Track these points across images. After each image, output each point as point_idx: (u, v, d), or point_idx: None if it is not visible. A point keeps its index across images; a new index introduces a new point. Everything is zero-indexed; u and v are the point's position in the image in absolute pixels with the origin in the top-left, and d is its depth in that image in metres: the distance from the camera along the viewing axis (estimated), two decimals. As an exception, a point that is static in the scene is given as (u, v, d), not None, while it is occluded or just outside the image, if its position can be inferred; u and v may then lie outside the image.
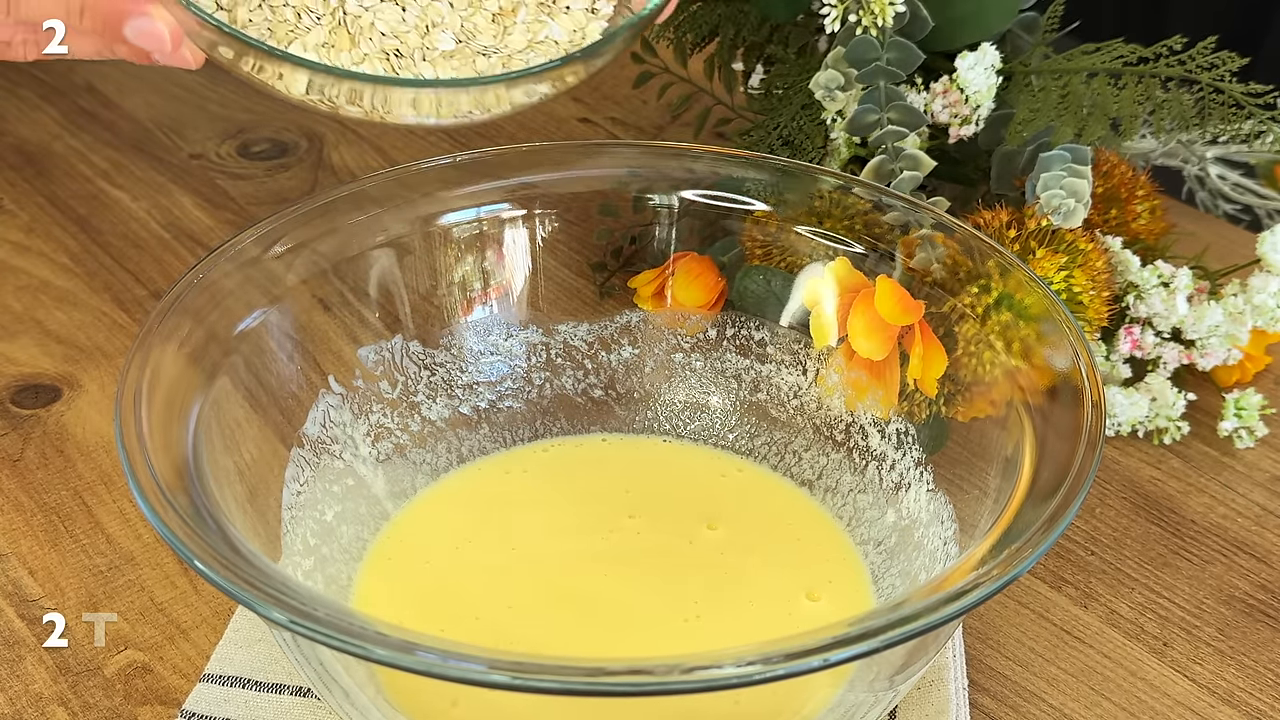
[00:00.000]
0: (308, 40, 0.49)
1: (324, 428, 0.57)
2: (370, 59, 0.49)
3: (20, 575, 0.60)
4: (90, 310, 0.76)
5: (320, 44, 0.49)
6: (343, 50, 0.49)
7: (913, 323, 0.57)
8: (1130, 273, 0.66)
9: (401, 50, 0.50)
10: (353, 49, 0.49)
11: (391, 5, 0.50)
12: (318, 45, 0.49)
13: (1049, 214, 0.63)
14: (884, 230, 0.58)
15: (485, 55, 0.50)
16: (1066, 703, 0.55)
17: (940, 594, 0.41)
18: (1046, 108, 0.70)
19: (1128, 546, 0.62)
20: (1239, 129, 0.73)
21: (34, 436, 0.67)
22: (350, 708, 0.48)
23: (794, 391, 0.62)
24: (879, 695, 0.48)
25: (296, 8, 0.49)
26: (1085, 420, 0.48)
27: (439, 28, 0.50)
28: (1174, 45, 0.71)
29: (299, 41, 0.49)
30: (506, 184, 0.62)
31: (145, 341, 0.50)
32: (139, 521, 0.62)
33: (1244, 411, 0.67)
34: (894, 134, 0.65)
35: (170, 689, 0.55)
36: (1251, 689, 0.56)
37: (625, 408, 0.64)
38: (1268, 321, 0.66)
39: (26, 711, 0.54)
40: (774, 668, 0.39)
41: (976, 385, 0.55)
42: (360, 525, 0.57)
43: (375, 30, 0.50)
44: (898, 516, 0.57)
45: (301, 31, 0.49)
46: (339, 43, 0.49)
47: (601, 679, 0.39)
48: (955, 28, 0.70)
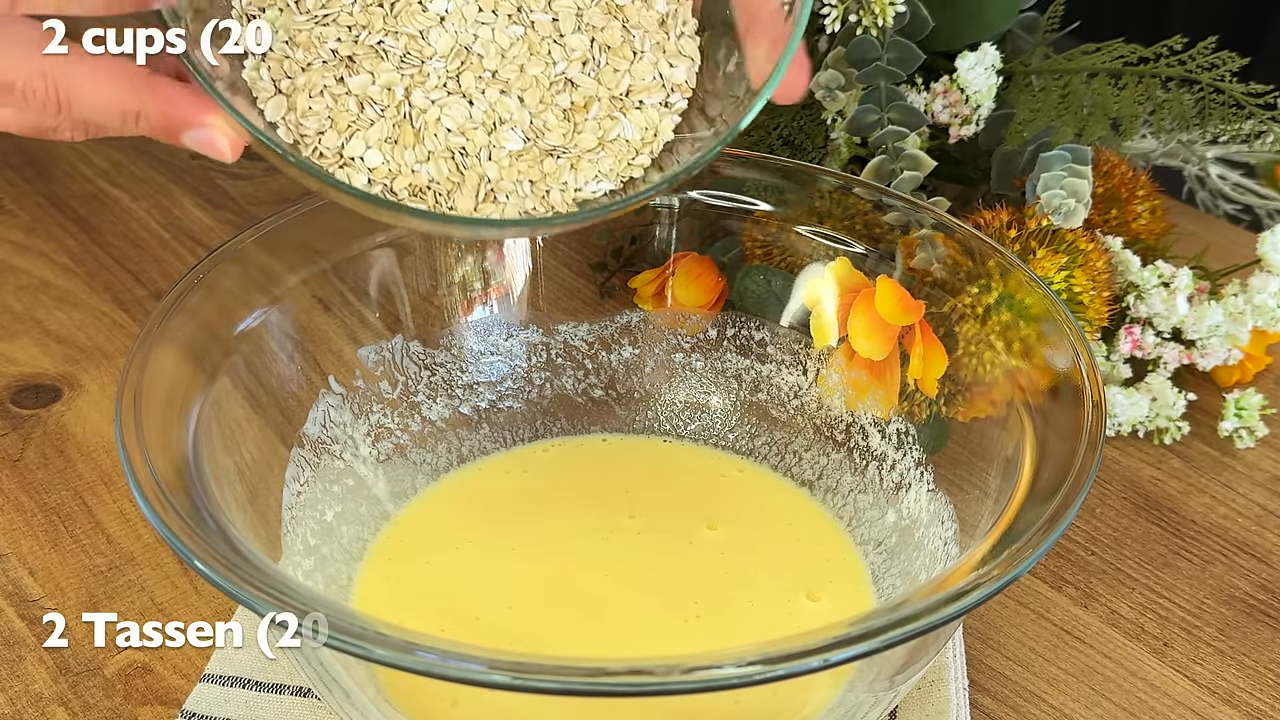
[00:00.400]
0: (369, 135, 0.47)
1: (324, 428, 0.57)
2: (435, 159, 0.47)
3: (20, 575, 0.60)
4: (90, 310, 0.76)
5: (383, 139, 0.47)
6: (407, 147, 0.47)
7: (913, 323, 0.57)
8: (1131, 273, 0.66)
9: (467, 148, 0.47)
10: (416, 145, 0.47)
11: (459, 99, 0.48)
12: (380, 140, 0.47)
13: (1049, 214, 0.63)
14: (884, 230, 0.58)
15: (554, 155, 0.48)
16: (1067, 703, 0.55)
17: (940, 594, 0.41)
18: (1047, 108, 0.70)
19: (1128, 547, 0.62)
20: (1239, 129, 0.73)
21: (34, 436, 0.67)
22: (350, 708, 0.48)
23: (794, 391, 0.62)
24: (879, 695, 0.48)
25: (360, 98, 0.47)
26: (1086, 420, 0.48)
27: (507, 124, 0.48)
28: (1174, 45, 0.71)
29: (360, 135, 0.47)
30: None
31: (145, 341, 0.50)
32: (139, 521, 0.62)
33: (1244, 411, 0.67)
34: (894, 134, 0.65)
35: (170, 689, 0.55)
36: (1252, 689, 0.56)
37: (625, 408, 0.64)
38: (1268, 321, 0.66)
39: (26, 711, 0.54)
40: (774, 668, 0.39)
41: (977, 385, 0.55)
42: (360, 525, 0.57)
43: (441, 126, 0.47)
44: (898, 517, 0.57)
45: (364, 124, 0.47)
46: (403, 138, 0.47)
47: (601, 679, 0.39)
48: (955, 28, 0.70)
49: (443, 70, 0.47)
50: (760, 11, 0.47)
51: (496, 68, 0.48)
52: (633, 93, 0.49)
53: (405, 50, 0.47)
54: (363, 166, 0.47)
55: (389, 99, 0.47)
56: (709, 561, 0.57)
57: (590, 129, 0.49)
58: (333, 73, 0.47)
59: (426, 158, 0.47)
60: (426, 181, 0.47)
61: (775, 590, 0.55)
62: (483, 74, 0.48)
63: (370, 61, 0.47)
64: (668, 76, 0.50)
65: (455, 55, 0.47)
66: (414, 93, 0.47)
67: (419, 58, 0.47)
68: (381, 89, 0.47)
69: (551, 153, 0.48)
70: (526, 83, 0.48)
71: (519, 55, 0.48)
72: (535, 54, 0.48)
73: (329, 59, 0.47)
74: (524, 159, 0.48)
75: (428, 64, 0.47)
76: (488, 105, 0.48)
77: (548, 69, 0.48)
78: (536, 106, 0.48)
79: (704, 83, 0.50)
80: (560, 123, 0.48)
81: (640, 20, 0.49)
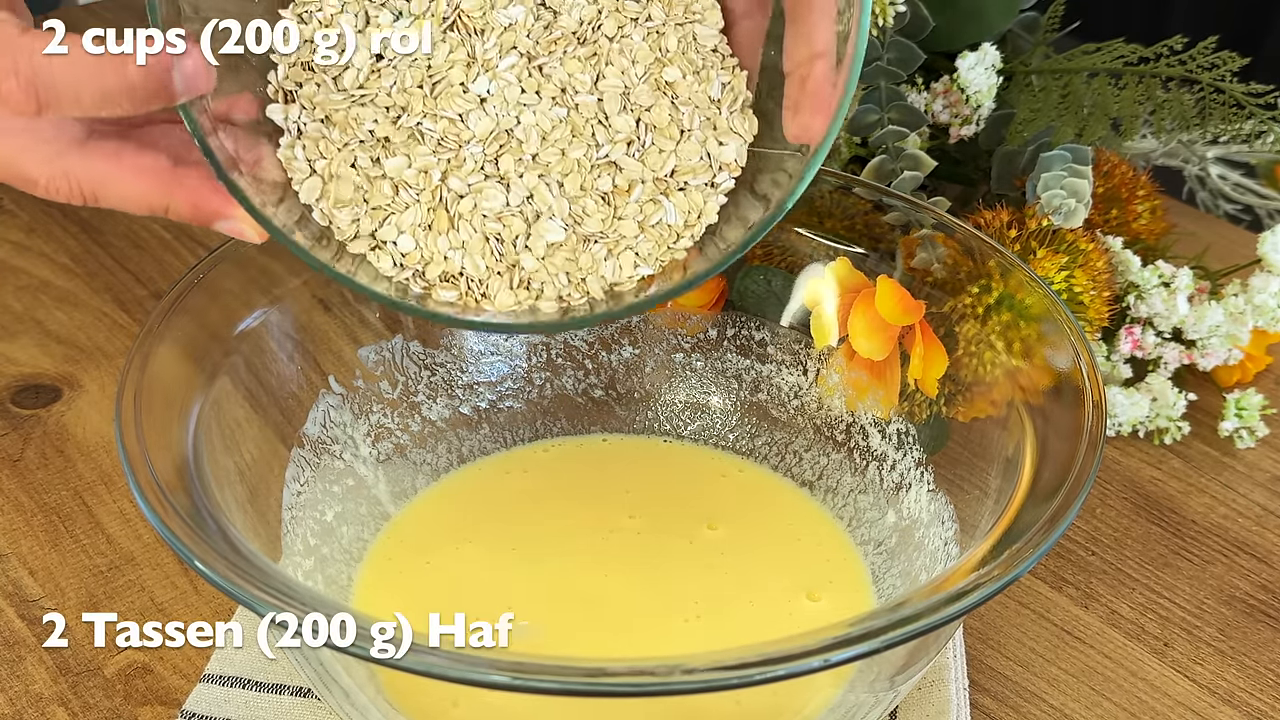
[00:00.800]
0: (403, 220, 0.46)
1: (324, 428, 0.57)
2: (470, 250, 0.46)
3: (20, 575, 0.60)
4: (90, 310, 0.76)
5: (417, 224, 0.46)
6: (441, 234, 0.46)
7: (913, 323, 0.57)
8: (1131, 273, 0.66)
9: (503, 234, 0.46)
10: (451, 232, 0.46)
11: (497, 186, 0.46)
12: (414, 226, 0.46)
13: (1050, 214, 0.63)
14: (885, 230, 0.58)
15: (592, 241, 0.47)
16: (1067, 703, 0.55)
17: (941, 594, 0.41)
18: (1047, 108, 0.70)
19: (1128, 547, 0.62)
20: (1239, 129, 0.73)
21: (34, 436, 0.67)
22: (350, 708, 0.48)
23: (794, 392, 0.62)
24: (880, 696, 0.48)
25: (394, 180, 0.46)
26: (1086, 420, 0.48)
27: (545, 215, 0.46)
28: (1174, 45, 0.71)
29: (394, 220, 0.46)
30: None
31: (145, 341, 0.50)
32: (139, 521, 0.62)
33: (1245, 411, 0.67)
34: (894, 134, 0.65)
35: (170, 689, 0.55)
36: (1252, 689, 0.56)
37: (625, 408, 0.64)
38: (1268, 321, 0.66)
39: (26, 712, 0.54)
40: (774, 668, 0.39)
41: (977, 385, 0.55)
42: (360, 525, 0.57)
43: (478, 213, 0.46)
44: (898, 517, 0.57)
45: (398, 207, 0.46)
46: (438, 224, 0.46)
47: (602, 679, 0.39)
48: (956, 27, 0.70)
49: (480, 155, 0.46)
50: (810, 76, 0.45)
51: (537, 151, 0.46)
52: (678, 173, 0.47)
53: (443, 133, 0.46)
54: (395, 251, 0.46)
55: (425, 182, 0.46)
56: (709, 561, 0.57)
57: (631, 213, 0.47)
58: (368, 153, 0.46)
59: (461, 246, 0.46)
60: (459, 269, 0.46)
61: (775, 590, 0.55)
62: (522, 157, 0.46)
63: (407, 144, 0.46)
64: (716, 155, 0.48)
65: (494, 139, 0.46)
66: (450, 177, 0.46)
67: (457, 141, 0.46)
68: (417, 173, 0.46)
69: (589, 239, 0.47)
70: (567, 167, 0.46)
71: (561, 139, 0.46)
72: (578, 136, 0.47)
73: (366, 139, 0.46)
74: (562, 249, 0.47)
75: (465, 148, 0.46)
76: (526, 192, 0.46)
77: (590, 151, 0.47)
78: (576, 192, 0.47)
79: (752, 158, 0.49)
80: (600, 208, 0.47)
81: (691, 96, 0.48)
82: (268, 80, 0.46)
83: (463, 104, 0.46)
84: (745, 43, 0.49)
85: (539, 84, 0.46)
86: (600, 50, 0.47)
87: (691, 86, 0.48)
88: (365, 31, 0.46)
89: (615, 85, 0.47)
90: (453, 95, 0.46)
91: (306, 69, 0.46)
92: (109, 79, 0.40)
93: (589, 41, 0.47)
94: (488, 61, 0.46)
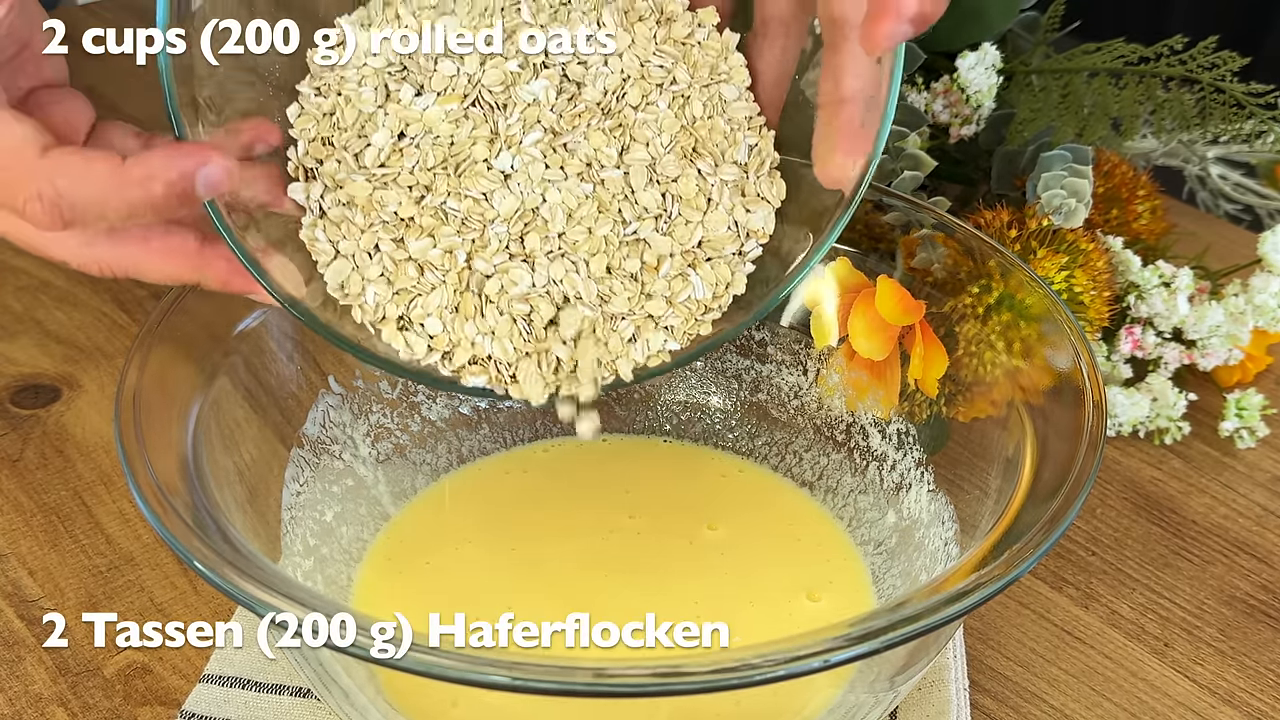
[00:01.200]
0: (429, 302, 0.45)
1: (324, 428, 0.57)
2: (498, 334, 0.45)
3: (20, 575, 0.60)
4: (90, 310, 0.76)
5: (443, 306, 0.45)
6: (468, 318, 0.45)
7: (913, 323, 0.57)
8: (1131, 273, 0.66)
9: (533, 319, 0.46)
10: (478, 318, 0.45)
11: (523, 266, 0.45)
12: (440, 308, 0.45)
13: (1050, 214, 0.63)
14: (885, 230, 0.58)
15: (620, 319, 0.46)
16: (1067, 703, 0.55)
17: (941, 595, 0.41)
18: (1047, 107, 0.70)
19: (1129, 547, 0.62)
20: (1240, 129, 0.73)
21: (34, 436, 0.67)
22: (350, 708, 0.48)
23: (794, 392, 0.62)
24: (880, 696, 0.48)
25: (419, 262, 0.45)
26: (1086, 420, 0.47)
27: (573, 298, 0.46)
28: (1175, 45, 0.71)
29: (420, 303, 0.45)
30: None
31: (145, 341, 0.50)
32: (139, 521, 0.62)
33: (1245, 412, 0.67)
34: (894, 134, 0.65)
35: (170, 689, 0.55)
36: (1252, 689, 0.56)
37: (625, 408, 0.64)
38: (1269, 321, 0.66)
39: (26, 712, 0.54)
40: (774, 668, 0.39)
41: (977, 385, 0.55)
42: (360, 526, 0.57)
43: (505, 295, 0.45)
44: (898, 517, 0.57)
45: (424, 289, 0.45)
46: (464, 308, 0.45)
47: (602, 679, 0.39)
48: (956, 27, 0.70)
49: (505, 234, 0.45)
50: (840, 117, 0.44)
51: (563, 229, 0.46)
52: (705, 245, 0.47)
53: (467, 213, 0.45)
54: (422, 332, 0.46)
55: (450, 263, 0.45)
56: (709, 561, 0.57)
57: (659, 290, 0.47)
58: (392, 234, 0.45)
59: (490, 332, 0.46)
60: (487, 354, 0.46)
61: (775, 590, 0.55)
62: (548, 235, 0.46)
63: (431, 223, 0.45)
64: (744, 223, 0.47)
65: (519, 218, 0.45)
66: (475, 258, 0.45)
67: (481, 221, 0.45)
68: (443, 254, 0.45)
69: (619, 314, 0.46)
70: (594, 246, 0.46)
71: (587, 216, 0.46)
72: (604, 212, 0.46)
73: (390, 219, 0.46)
74: (591, 335, 0.46)
75: (490, 228, 0.45)
76: (551, 275, 0.45)
77: (617, 228, 0.46)
78: (603, 273, 0.46)
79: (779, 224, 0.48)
80: (627, 286, 0.46)
81: (717, 163, 0.47)
82: (288, 157, 0.46)
83: (487, 183, 0.45)
84: (771, 73, 0.48)
85: (563, 159, 0.46)
86: (625, 121, 0.46)
87: (719, 151, 0.47)
88: (385, 106, 0.46)
89: (641, 158, 0.46)
90: (477, 174, 0.45)
91: (326, 144, 0.46)
92: (133, 196, 0.41)
93: (613, 112, 0.46)
94: (511, 138, 0.45)
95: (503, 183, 0.45)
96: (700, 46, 0.48)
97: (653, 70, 0.47)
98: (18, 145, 0.41)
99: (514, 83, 0.46)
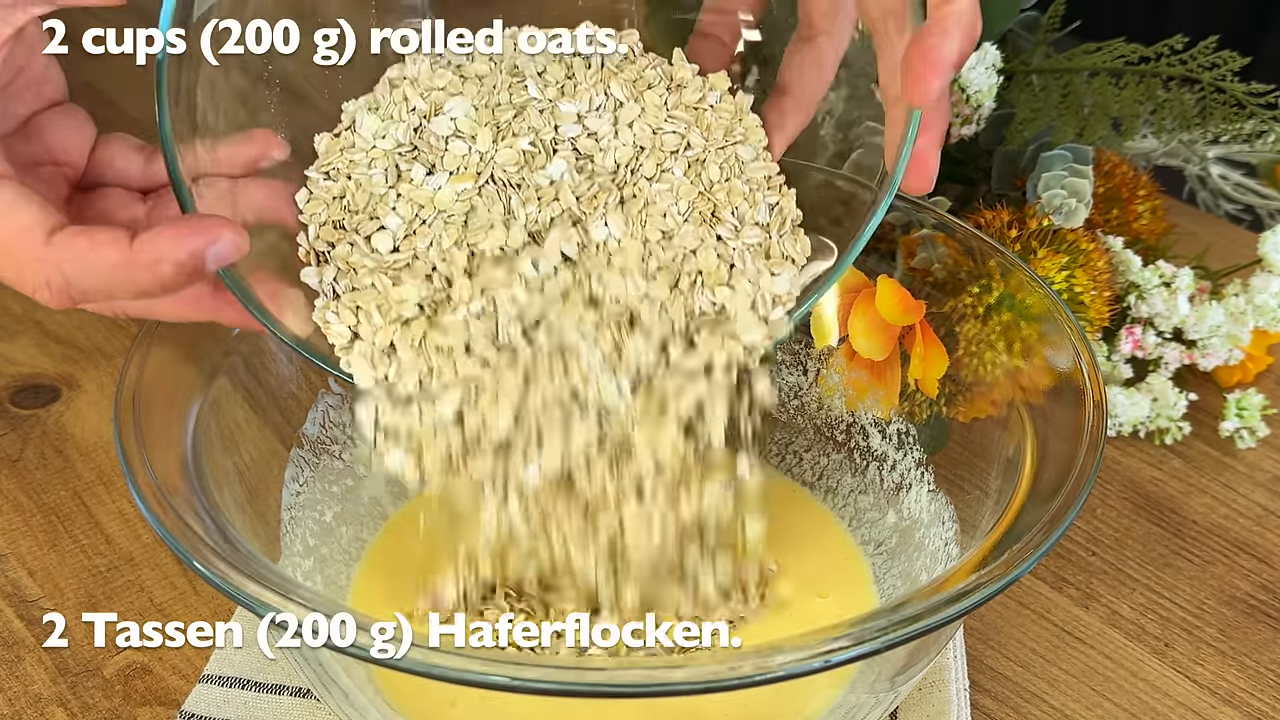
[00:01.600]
0: (449, 394, 0.45)
1: (324, 428, 0.57)
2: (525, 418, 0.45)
3: (20, 575, 0.60)
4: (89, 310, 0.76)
5: (460, 398, 0.45)
6: (492, 407, 0.45)
7: (914, 323, 0.57)
8: (1131, 273, 0.66)
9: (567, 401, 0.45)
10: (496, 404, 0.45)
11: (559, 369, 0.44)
12: (456, 398, 0.45)
13: (1050, 214, 0.63)
14: (885, 230, 0.58)
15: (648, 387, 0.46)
16: (1067, 703, 0.55)
17: (941, 595, 0.41)
18: (1048, 107, 0.70)
19: (1129, 547, 0.62)
20: (1240, 128, 0.73)
21: (33, 436, 0.67)
22: (349, 708, 0.48)
23: (794, 391, 0.61)
24: (880, 696, 0.48)
25: (441, 348, 0.45)
26: (1087, 421, 0.47)
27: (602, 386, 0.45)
28: (1175, 45, 0.71)
29: (438, 385, 0.45)
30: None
31: (145, 341, 0.50)
32: (138, 521, 0.62)
33: (1245, 412, 0.67)
34: (895, 134, 0.65)
35: (170, 689, 0.55)
36: (1253, 689, 0.56)
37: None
38: (1269, 321, 0.66)
39: (26, 712, 0.54)
40: (774, 668, 0.39)
41: (977, 385, 0.54)
42: (359, 526, 0.57)
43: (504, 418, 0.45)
44: (899, 517, 0.57)
45: (442, 377, 0.45)
46: (485, 403, 0.45)
47: (602, 679, 0.39)
48: (956, 27, 0.70)
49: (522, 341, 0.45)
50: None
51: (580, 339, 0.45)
52: (729, 320, 0.46)
53: (485, 308, 0.45)
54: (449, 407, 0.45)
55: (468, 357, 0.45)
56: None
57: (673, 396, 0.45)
58: (409, 334, 0.45)
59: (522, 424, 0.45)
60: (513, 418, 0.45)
61: (777, 590, 0.55)
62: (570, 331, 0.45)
63: (449, 324, 0.45)
64: (768, 289, 0.47)
65: (539, 315, 0.44)
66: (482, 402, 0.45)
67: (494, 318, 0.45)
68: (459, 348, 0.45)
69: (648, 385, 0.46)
70: (625, 359, 0.45)
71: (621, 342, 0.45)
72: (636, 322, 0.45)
73: (410, 313, 0.45)
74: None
75: (508, 326, 0.45)
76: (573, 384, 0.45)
77: (643, 344, 0.45)
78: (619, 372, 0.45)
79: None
80: (644, 406, 0.45)
81: (739, 223, 0.46)
82: (299, 242, 0.46)
83: (504, 278, 0.45)
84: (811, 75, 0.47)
85: (583, 276, 0.45)
86: (640, 192, 0.46)
87: (740, 211, 0.47)
88: (397, 186, 0.45)
89: (657, 234, 0.46)
90: (494, 277, 0.45)
91: (338, 228, 0.46)
92: (142, 279, 0.41)
93: (629, 184, 0.46)
94: (537, 233, 0.45)
95: (523, 284, 0.45)
96: (713, 110, 0.47)
97: (666, 138, 0.46)
98: (24, 229, 0.40)
99: (528, 163, 0.46)
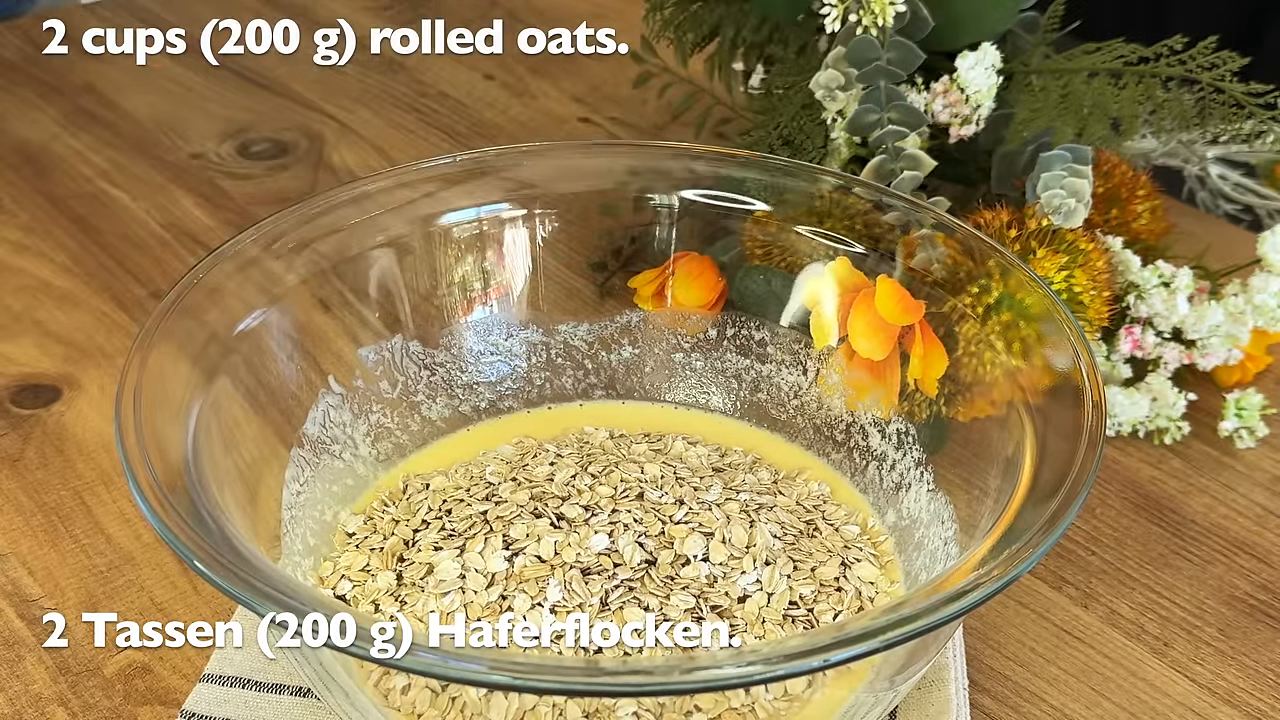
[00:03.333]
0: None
1: (324, 428, 0.57)
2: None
3: (20, 575, 0.60)
4: (90, 310, 0.76)
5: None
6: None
7: (913, 323, 0.57)
8: (1131, 273, 0.66)
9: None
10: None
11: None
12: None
13: (1049, 214, 0.63)
14: (884, 230, 0.58)
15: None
16: (1067, 703, 0.55)
17: (941, 594, 0.41)
18: (1047, 108, 0.70)
19: (1128, 546, 0.62)
20: (1239, 129, 0.73)
21: (34, 436, 0.67)
22: (350, 708, 0.48)
23: (794, 391, 0.62)
24: (879, 696, 0.48)
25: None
26: (1086, 420, 0.47)
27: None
28: (1174, 45, 0.71)
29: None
30: (506, 184, 0.62)
31: (145, 341, 0.50)
32: (139, 521, 0.62)
33: (1245, 411, 0.67)
34: (894, 134, 0.65)
35: (170, 689, 0.55)
36: (1252, 689, 0.56)
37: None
38: (1268, 321, 0.66)
39: (26, 712, 0.54)
40: (774, 668, 0.39)
41: (977, 385, 0.55)
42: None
43: None
44: (898, 517, 0.57)
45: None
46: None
47: (602, 679, 0.39)
48: (956, 27, 0.70)
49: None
50: None
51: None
52: None
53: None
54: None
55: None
56: (709, 561, 0.57)
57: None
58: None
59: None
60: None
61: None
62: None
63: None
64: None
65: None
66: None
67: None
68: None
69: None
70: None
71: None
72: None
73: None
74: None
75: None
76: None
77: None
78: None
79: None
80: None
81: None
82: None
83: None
84: None
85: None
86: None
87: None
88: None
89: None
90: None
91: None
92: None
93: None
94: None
95: None
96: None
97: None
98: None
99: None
